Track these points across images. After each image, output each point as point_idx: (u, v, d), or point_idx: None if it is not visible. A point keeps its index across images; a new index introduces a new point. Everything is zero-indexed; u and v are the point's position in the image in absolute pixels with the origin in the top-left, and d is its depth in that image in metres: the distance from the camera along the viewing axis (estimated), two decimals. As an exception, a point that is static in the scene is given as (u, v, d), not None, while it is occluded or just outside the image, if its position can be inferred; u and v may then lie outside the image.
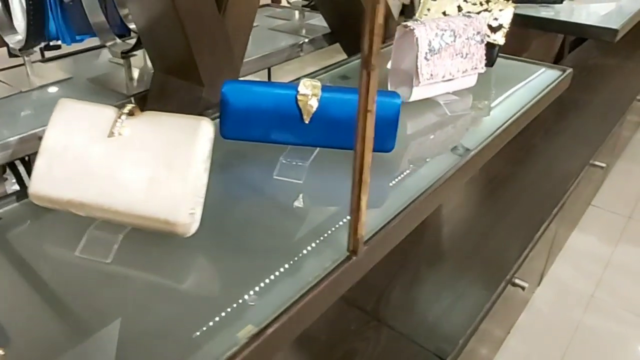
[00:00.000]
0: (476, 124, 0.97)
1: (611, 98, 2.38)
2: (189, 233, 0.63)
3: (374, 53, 0.50)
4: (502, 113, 1.01)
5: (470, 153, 0.86)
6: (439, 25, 0.98)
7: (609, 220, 2.23)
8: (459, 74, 1.02)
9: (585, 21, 1.54)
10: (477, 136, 0.92)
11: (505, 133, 0.95)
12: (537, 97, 1.07)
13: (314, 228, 0.69)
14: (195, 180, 0.63)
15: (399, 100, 0.81)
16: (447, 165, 0.83)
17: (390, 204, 0.73)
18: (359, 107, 0.53)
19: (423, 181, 0.78)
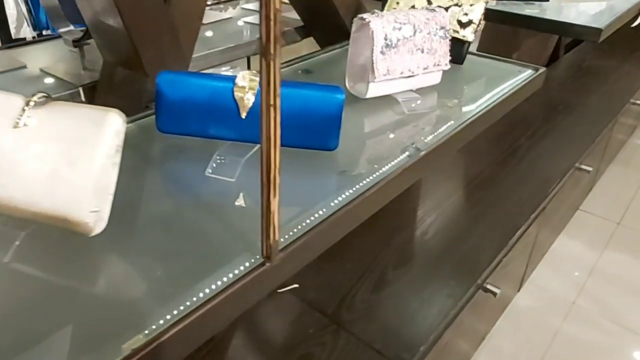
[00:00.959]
0: (434, 123, 0.92)
1: (604, 100, 2.31)
2: (93, 232, 0.59)
3: (272, 41, 0.45)
4: (464, 113, 0.96)
5: (420, 153, 0.81)
6: (398, 19, 0.94)
7: (597, 226, 2.17)
8: (419, 70, 0.97)
9: (568, 19, 1.49)
10: (432, 136, 0.87)
11: (463, 133, 0.90)
12: (502, 96, 1.02)
13: (236, 230, 0.65)
14: (99, 176, 0.58)
15: (341, 96, 0.77)
16: (393, 166, 0.78)
17: (324, 205, 0.68)
18: (261, 101, 0.48)
19: (362, 183, 0.73)
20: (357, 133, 0.88)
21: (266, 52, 0.46)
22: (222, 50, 1.28)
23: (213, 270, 0.57)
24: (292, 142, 0.78)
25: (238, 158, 0.77)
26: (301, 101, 0.76)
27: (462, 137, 0.91)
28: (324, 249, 0.64)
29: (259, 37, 0.46)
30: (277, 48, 0.46)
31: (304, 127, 0.77)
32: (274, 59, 0.46)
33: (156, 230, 0.64)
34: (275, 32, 0.45)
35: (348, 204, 0.68)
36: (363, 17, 0.92)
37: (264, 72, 0.47)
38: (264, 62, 0.46)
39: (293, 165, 0.75)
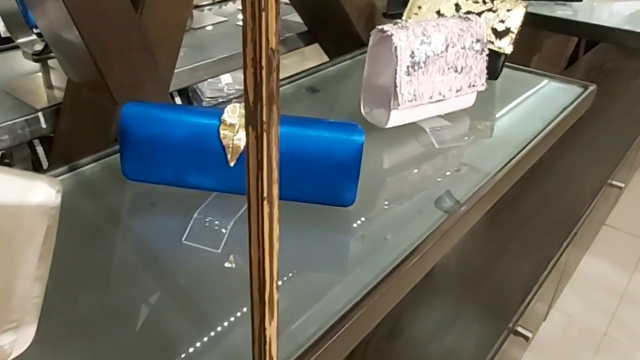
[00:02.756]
0: (471, 160, 0.74)
1: (631, 106, 2.12)
2: (11, 357, 0.41)
3: (264, 100, 0.27)
4: (506, 146, 0.77)
5: (461, 209, 0.62)
6: (427, 31, 0.74)
7: (625, 243, 1.98)
8: (451, 93, 0.78)
9: (606, 23, 1.29)
10: (471, 180, 0.68)
11: (511, 173, 0.71)
12: (552, 124, 0.83)
13: (214, 333, 0.46)
14: (12, 293, 0.40)
15: (360, 137, 0.58)
16: (426, 227, 0.59)
17: (336, 299, 0.49)
18: (248, 191, 0.30)
19: (388, 256, 0.54)
20: (375, 177, 0.69)
21: (253, 117, 0.27)
22: (214, 61, 1.09)
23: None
24: (295, 195, 0.60)
25: (225, 219, 0.58)
26: (307, 145, 0.57)
27: (510, 178, 0.72)
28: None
29: (244, 97, 0.27)
30: (273, 110, 0.27)
31: (312, 178, 0.59)
32: (267, 128, 0.27)
33: (98, 335, 0.46)
34: (271, 87, 0.26)
35: (365, 299, 0.49)
36: (384, 28, 0.73)
37: (251, 149, 0.28)
38: (251, 134, 0.27)
39: (293, 230, 0.56)
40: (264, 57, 0.26)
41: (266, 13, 0.25)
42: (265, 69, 0.26)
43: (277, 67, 0.26)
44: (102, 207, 0.63)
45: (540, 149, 0.80)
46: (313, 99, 0.92)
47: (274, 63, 0.26)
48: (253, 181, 0.29)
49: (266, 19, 0.25)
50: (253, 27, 0.25)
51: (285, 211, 0.60)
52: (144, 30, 0.72)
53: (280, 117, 0.57)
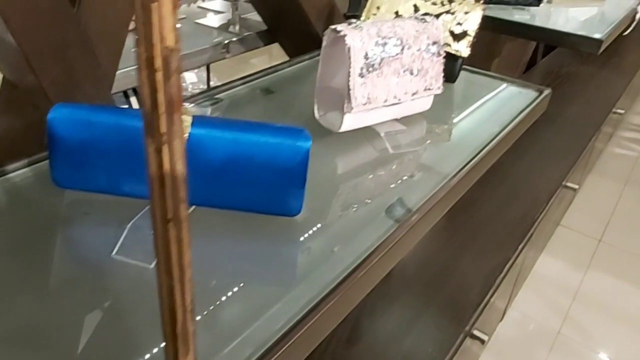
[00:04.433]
0: (426, 166, 0.70)
1: (586, 110, 2.14)
2: None
3: (161, 107, 0.22)
4: (462, 150, 0.74)
5: (412, 217, 0.58)
6: (382, 31, 0.70)
7: (579, 244, 2.00)
8: (407, 96, 0.75)
9: (562, 28, 1.28)
10: (425, 187, 0.65)
11: (466, 178, 0.68)
12: (507, 128, 0.81)
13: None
14: None
15: (306, 143, 0.53)
16: (376, 237, 0.55)
17: (275, 318, 0.45)
18: (153, 214, 0.25)
19: (334, 270, 0.50)
20: (326, 184, 0.65)
21: (151, 127, 0.22)
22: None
23: None
24: (237, 205, 0.55)
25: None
26: (248, 151, 0.53)
27: (464, 183, 0.69)
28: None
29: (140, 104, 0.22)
30: (174, 120, 0.22)
31: (254, 186, 0.54)
32: (168, 140, 0.22)
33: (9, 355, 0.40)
34: (171, 92, 0.22)
35: (305, 318, 0.44)
36: (337, 28, 0.68)
37: (151, 163, 0.23)
38: (150, 146, 0.23)
39: (233, 242, 0.51)
40: (158, 58, 0.21)
41: (159, 4, 0.20)
42: (161, 71, 0.21)
43: (177, 68, 0.22)
44: (30, 216, 0.57)
45: (495, 153, 0.77)
46: (267, 100, 0.87)
47: (173, 64, 0.21)
48: (156, 201, 0.24)
49: (159, 12, 0.20)
50: (145, 22, 0.20)
51: (227, 221, 0.56)
52: (82, 26, 0.66)
53: (220, 121, 0.52)
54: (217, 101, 0.85)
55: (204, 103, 0.83)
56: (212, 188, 0.54)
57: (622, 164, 2.49)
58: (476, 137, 0.78)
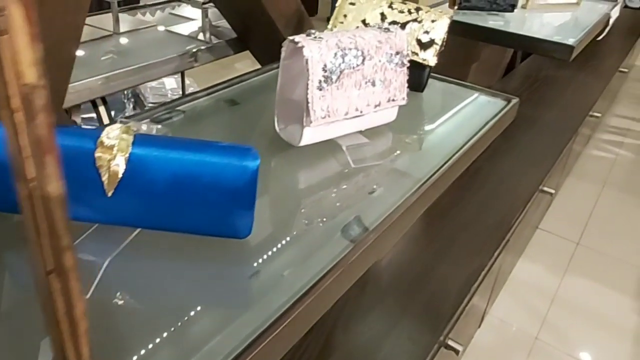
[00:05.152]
0: (388, 181, 0.68)
1: (563, 114, 2.14)
2: None
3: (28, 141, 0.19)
4: (425, 163, 0.72)
5: (369, 237, 0.56)
6: (342, 42, 0.68)
7: (557, 247, 1.99)
8: (369, 108, 0.72)
9: (537, 34, 1.27)
10: (385, 204, 0.62)
11: (429, 192, 0.66)
12: (473, 138, 0.79)
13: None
14: None
15: (254, 163, 0.50)
16: (330, 259, 0.52)
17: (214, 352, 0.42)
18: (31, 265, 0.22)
19: (281, 298, 0.47)
20: (282, 203, 0.62)
21: (20, 172, 0.19)
22: (128, 71, 0.99)
23: None
24: (182, 227, 0.52)
25: (97, 259, 0.50)
26: (193, 171, 0.50)
27: (426, 199, 0.67)
28: None
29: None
30: (46, 163, 0.20)
31: (200, 208, 0.51)
32: (40, 186, 0.20)
33: None
34: (38, 133, 0.19)
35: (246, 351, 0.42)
36: (295, 39, 0.66)
37: (25, 210, 0.20)
38: (22, 191, 0.20)
39: (176, 267, 0.49)
40: (16, 97, 0.18)
41: (10, 37, 0.17)
42: (21, 111, 0.18)
43: (44, 107, 0.19)
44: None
45: (460, 166, 0.75)
46: (231, 112, 0.84)
47: (38, 102, 0.19)
48: (34, 251, 0.21)
49: (11, 45, 0.17)
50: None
51: (172, 244, 0.53)
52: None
53: (164, 140, 0.49)
54: (178, 114, 0.82)
55: (163, 116, 0.80)
56: (156, 210, 0.51)
57: (600, 166, 2.50)
58: (441, 148, 0.76)
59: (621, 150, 2.63)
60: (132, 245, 0.52)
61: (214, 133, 0.76)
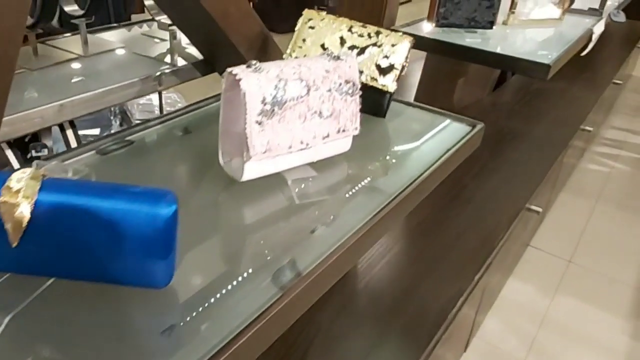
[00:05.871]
0: (332, 218, 0.65)
1: (554, 128, 2.10)
2: None
3: None
4: (375, 197, 0.69)
5: (301, 284, 0.53)
6: (284, 73, 0.65)
7: (548, 265, 1.95)
8: (317, 140, 0.69)
9: (515, 52, 1.24)
10: (324, 244, 0.59)
11: (367, 236, 0.62)
12: (430, 169, 0.75)
13: None
14: None
15: (168, 210, 0.48)
16: (254, 309, 0.49)
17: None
18: None
19: (197, 353, 0.44)
20: (214, 245, 0.59)
21: None
22: (85, 97, 0.97)
23: None
24: (98, 276, 0.49)
25: (4, 310, 0.47)
26: (103, 218, 0.47)
27: (371, 237, 0.64)
28: None
29: None
30: None
31: (114, 257, 0.48)
32: None
33: None
34: None
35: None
36: (233, 71, 0.63)
37: None
38: None
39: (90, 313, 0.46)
40: None
41: None
42: None
43: None
44: None
45: (414, 199, 0.72)
46: (181, 142, 0.82)
47: None
48: None
49: None
50: None
51: (89, 293, 0.50)
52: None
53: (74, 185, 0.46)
54: (127, 144, 0.80)
55: (111, 147, 0.77)
56: (68, 259, 0.48)
57: (594, 181, 2.46)
58: (395, 180, 0.73)
59: (617, 163, 2.58)
60: (46, 295, 0.49)
61: (157, 166, 0.73)
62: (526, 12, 1.47)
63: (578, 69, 2.56)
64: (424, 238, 1.48)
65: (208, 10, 0.90)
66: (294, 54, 0.89)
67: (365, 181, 0.72)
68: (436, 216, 1.58)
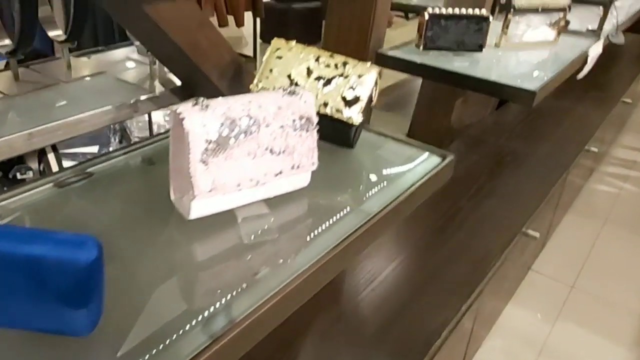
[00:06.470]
0: (278, 260, 0.64)
1: (556, 150, 2.06)
2: None
3: None
4: (326, 238, 0.67)
5: (232, 333, 0.52)
6: (231, 110, 0.65)
7: (550, 290, 1.90)
8: (268, 177, 0.69)
9: (500, 77, 1.22)
10: (264, 289, 0.58)
11: (311, 281, 0.61)
12: (389, 206, 0.74)
13: None
14: None
15: (88, 257, 0.47)
16: (184, 354, 0.49)
17: None
18: None
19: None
20: (150, 287, 0.58)
21: None
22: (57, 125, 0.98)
23: None
24: (19, 323, 0.49)
25: None
26: (20, 265, 0.47)
27: (315, 283, 0.63)
28: None
29: None
30: None
31: (35, 304, 0.48)
32: None
33: None
34: None
35: None
36: (177, 109, 0.63)
37: None
38: None
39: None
40: None
41: None
42: None
43: None
44: None
45: (370, 238, 0.71)
46: (142, 175, 0.82)
47: None
48: None
49: None
50: None
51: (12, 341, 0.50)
52: None
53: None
54: (87, 176, 0.80)
55: (69, 180, 0.78)
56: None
57: (602, 202, 2.40)
58: (351, 217, 0.71)
59: (626, 184, 2.52)
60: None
61: (111, 201, 0.73)
62: (519, 34, 1.45)
63: (585, 88, 2.52)
64: (413, 263, 1.46)
65: (177, 42, 0.91)
66: (261, 84, 0.89)
67: (321, 218, 0.71)
68: (427, 239, 1.55)
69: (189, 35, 0.91)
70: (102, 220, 0.69)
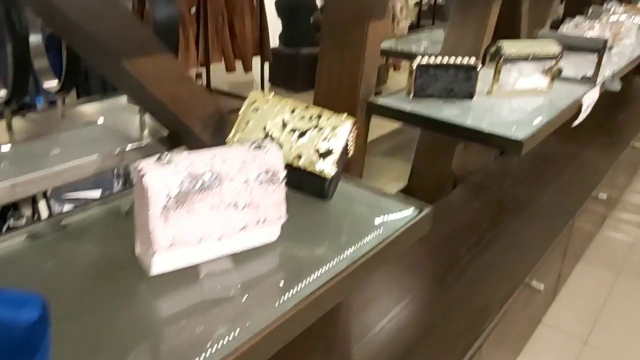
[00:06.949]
0: (237, 319, 0.64)
1: (562, 197, 2.04)
2: None
3: None
4: (292, 296, 0.68)
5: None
6: (194, 166, 0.67)
7: (561, 346, 1.84)
8: (232, 231, 0.70)
9: (489, 126, 1.23)
10: (222, 351, 0.58)
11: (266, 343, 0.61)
12: (360, 261, 0.74)
13: None
14: None
15: (30, 316, 0.48)
16: None
17: None
18: None
19: None
20: (104, 350, 0.59)
21: None
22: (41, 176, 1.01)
23: None
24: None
25: None
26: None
27: (275, 341, 0.62)
28: None
29: None
30: None
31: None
32: None
33: None
34: None
35: None
36: (140, 166, 0.65)
37: None
38: None
39: None
40: None
41: None
42: None
43: None
44: None
45: (338, 294, 0.71)
46: (115, 227, 0.83)
47: None
48: None
49: None
50: None
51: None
52: None
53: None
54: (60, 229, 0.82)
55: (43, 232, 0.80)
56: None
57: (616, 251, 2.35)
58: (321, 272, 0.72)
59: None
60: None
61: (79, 254, 0.75)
62: (511, 82, 1.47)
63: (593, 132, 2.52)
64: (410, 315, 1.44)
65: (157, 96, 0.94)
66: (237, 136, 0.91)
67: (287, 274, 0.71)
68: (426, 290, 1.53)
69: (169, 88, 0.95)
70: (67, 276, 0.70)
